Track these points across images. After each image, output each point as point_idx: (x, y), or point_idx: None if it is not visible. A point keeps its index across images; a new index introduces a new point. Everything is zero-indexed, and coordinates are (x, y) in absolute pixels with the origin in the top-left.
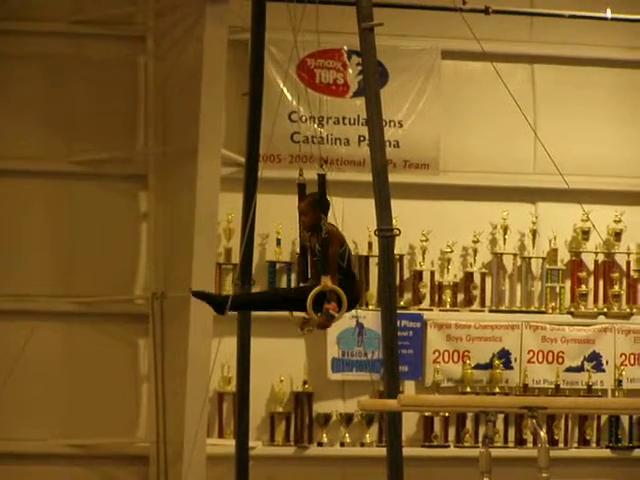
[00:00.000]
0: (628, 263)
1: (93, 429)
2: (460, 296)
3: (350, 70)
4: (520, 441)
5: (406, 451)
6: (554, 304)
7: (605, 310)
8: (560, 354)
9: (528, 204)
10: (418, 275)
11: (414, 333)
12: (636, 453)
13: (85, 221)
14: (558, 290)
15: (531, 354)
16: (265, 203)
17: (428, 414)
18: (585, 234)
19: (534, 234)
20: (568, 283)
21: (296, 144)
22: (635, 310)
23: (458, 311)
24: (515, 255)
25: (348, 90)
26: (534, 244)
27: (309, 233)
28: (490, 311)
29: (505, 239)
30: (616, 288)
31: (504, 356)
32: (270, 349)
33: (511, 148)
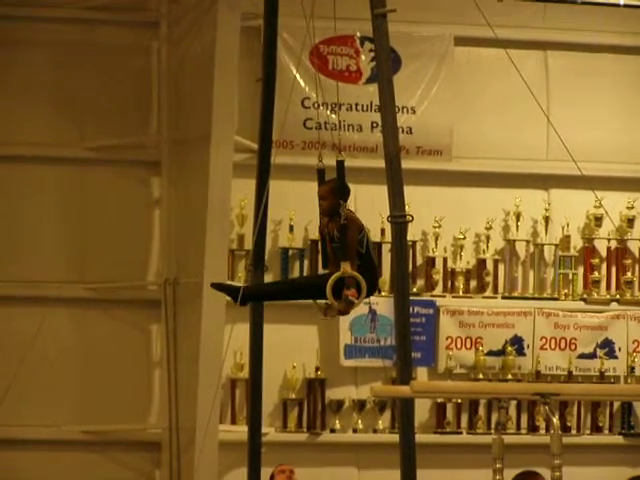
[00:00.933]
0: None
1: (105, 415)
2: (473, 283)
3: (363, 56)
4: (533, 428)
5: (419, 438)
6: (567, 291)
7: (618, 297)
8: (573, 341)
9: (541, 190)
10: (431, 261)
11: (427, 319)
12: None
13: (98, 207)
14: (571, 277)
15: (544, 341)
16: (278, 189)
17: (441, 401)
18: (598, 220)
19: (547, 221)
20: (581, 270)
21: (309, 130)
22: None
23: (471, 298)
24: (528, 242)
25: (361, 76)
26: (547, 231)
27: (327, 219)
28: (503, 298)
29: (518, 226)
30: (629, 275)
31: (517, 343)
32: (283, 335)
33: (524, 134)
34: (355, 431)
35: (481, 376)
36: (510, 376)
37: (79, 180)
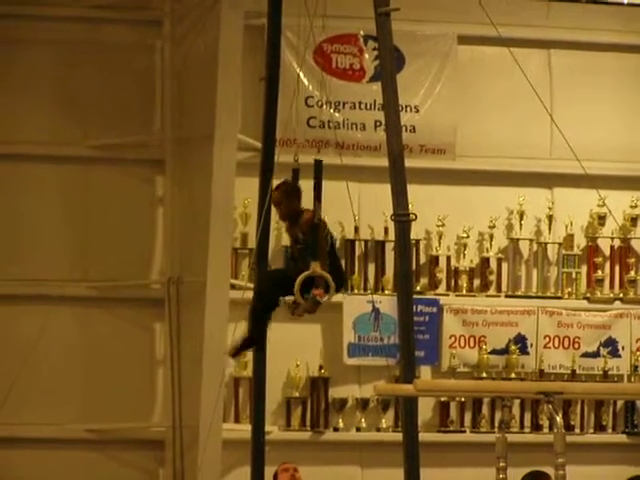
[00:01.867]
0: None
1: (109, 414)
2: (476, 281)
3: (366, 55)
4: (536, 426)
5: (422, 436)
6: (570, 289)
7: (621, 295)
8: (576, 339)
9: (544, 189)
10: (434, 260)
11: (430, 318)
12: None
13: (101, 206)
14: (574, 275)
15: (547, 339)
16: None
17: (444, 399)
18: (601, 219)
19: (550, 219)
20: (584, 268)
21: (312, 129)
22: None
23: (474, 296)
24: (531, 240)
25: (364, 75)
26: (550, 229)
27: (288, 223)
28: (506, 296)
29: (521, 224)
30: (632, 273)
31: (520, 341)
32: (286, 334)
33: (527, 133)
34: (358, 430)
35: (484, 375)
36: (513, 375)
37: (82, 179)
